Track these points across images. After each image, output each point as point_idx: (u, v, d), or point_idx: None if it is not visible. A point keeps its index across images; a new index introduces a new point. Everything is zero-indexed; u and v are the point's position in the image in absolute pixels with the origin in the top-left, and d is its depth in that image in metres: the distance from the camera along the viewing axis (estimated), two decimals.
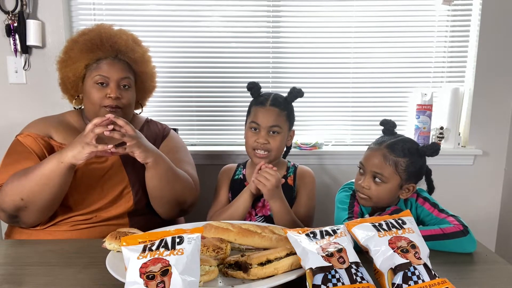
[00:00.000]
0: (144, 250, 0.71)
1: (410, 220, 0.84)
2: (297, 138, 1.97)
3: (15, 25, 1.79)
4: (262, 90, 1.37)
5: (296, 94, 1.35)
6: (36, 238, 1.17)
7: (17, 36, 1.80)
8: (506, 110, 1.98)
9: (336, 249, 0.76)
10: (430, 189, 1.20)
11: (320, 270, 0.72)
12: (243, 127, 1.39)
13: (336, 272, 0.72)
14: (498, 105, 1.97)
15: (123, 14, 1.92)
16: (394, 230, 0.81)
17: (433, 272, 0.74)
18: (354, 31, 1.95)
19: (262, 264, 0.80)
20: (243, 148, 1.38)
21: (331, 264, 0.73)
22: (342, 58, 1.98)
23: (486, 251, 1.02)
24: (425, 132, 1.92)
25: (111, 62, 1.27)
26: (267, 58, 1.97)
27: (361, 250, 0.81)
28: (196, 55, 1.96)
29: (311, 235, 0.82)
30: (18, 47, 1.82)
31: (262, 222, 1.30)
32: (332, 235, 0.81)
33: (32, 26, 1.79)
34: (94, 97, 1.25)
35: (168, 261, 0.68)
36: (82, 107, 1.36)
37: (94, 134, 1.07)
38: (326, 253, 0.75)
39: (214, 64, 1.97)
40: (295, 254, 0.79)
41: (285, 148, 1.40)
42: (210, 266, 0.78)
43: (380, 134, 1.17)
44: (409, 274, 0.73)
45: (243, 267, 0.80)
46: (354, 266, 0.74)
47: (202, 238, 0.85)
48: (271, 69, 1.98)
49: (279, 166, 1.37)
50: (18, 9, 1.79)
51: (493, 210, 2.07)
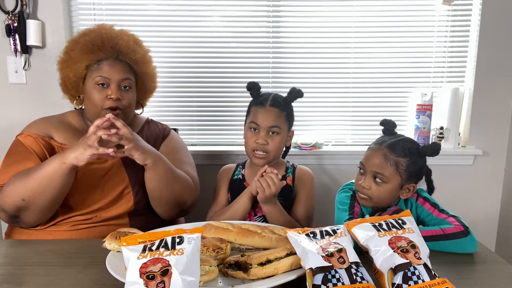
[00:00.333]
0: (144, 250, 0.71)
1: (410, 220, 0.84)
2: (297, 138, 1.97)
3: (15, 25, 1.79)
4: (262, 90, 1.37)
5: (295, 94, 1.35)
6: (36, 238, 1.17)
7: (17, 36, 1.80)
8: (506, 110, 1.98)
9: (336, 249, 0.76)
10: (430, 189, 1.20)
11: (320, 270, 0.72)
12: (243, 127, 1.39)
13: (336, 272, 0.72)
14: (498, 105, 1.97)
15: (123, 14, 1.93)
16: (394, 230, 0.81)
17: (433, 272, 0.74)
18: (354, 31, 1.95)
19: (262, 264, 0.80)
20: (243, 148, 1.38)
21: (331, 264, 0.73)
22: (342, 58, 1.98)
23: (486, 251, 1.02)
24: (425, 132, 1.92)
25: (112, 63, 1.27)
26: (267, 58, 1.97)
27: (361, 251, 0.81)
28: (196, 55, 1.96)
29: (311, 235, 0.82)
30: (18, 47, 1.82)
31: (261, 222, 1.29)
32: (332, 235, 0.81)
33: (32, 26, 1.79)
34: (95, 98, 1.25)
35: (168, 261, 0.68)
36: (83, 107, 1.36)
37: (96, 136, 1.07)
38: (326, 253, 0.75)
39: (214, 64, 1.97)
40: (295, 254, 0.79)
41: (284, 148, 1.40)
42: (210, 266, 0.78)
43: (380, 134, 1.17)
44: (409, 274, 0.73)
45: (243, 267, 0.80)
46: (354, 266, 0.74)
47: (202, 238, 0.85)
48: (271, 69, 1.98)
49: (278, 166, 1.37)
50: (18, 9, 1.79)
51: (493, 210, 2.07)
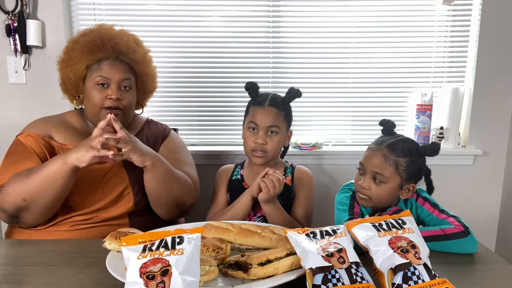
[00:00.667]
0: (144, 250, 0.71)
1: (410, 220, 0.84)
2: (297, 138, 1.97)
3: (15, 25, 1.79)
4: (261, 90, 1.37)
5: (294, 94, 1.35)
6: (36, 238, 1.18)
7: (17, 36, 1.80)
8: (506, 110, 1.98)
9: (336, 249, 0.76)
10: (430, 189, 1.20)
11: (320, 270, 0.72)
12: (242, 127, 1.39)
13: (336, 272, 0.72)
14: (498, 105, 1.97)
15: (123, 14, 1.92)
16: (394, 230, 0.81)
17: (433, 272, 0.74)
18: (354, 31, 1.95)
19: (262, 264, 0.80)
20: (243, 148, 1.38)
21: (331, 264, 0.73)
22: (342, 58, 1.98)
23: (486, 251, 1.02)
24: (425, 132, 1.92)
25: (112, 63, 1.27)
26: (267, 58, 1.97)
27: (361, 251, 0.81)
28: (196, 55, 1.96)
29: (311, 235, 0.82)
30: (18, 47, 1.82)
31: (261, 222, 1.29)
32: (332, 235, 0.81)
33: (32, 26, 1.79)
34: (95, 98, 1.25)
35: (168, 261, 0.68)
36: (83, 107, 1.36)
37: (101, 139, 1.07)
38: (326, 253, 0.75)
39: (214, 64, 1.97)
40: (295, 254, 0.79)
41: (282, 148, 1.40)
42: (210, 266, 0.78)
43: (380, 134, 1.17)
44: (409, 274, 0.73)
45: (243, 267, 0.80)
46: (354, 266, 0.74)
47: (202, 238, 0.85)
48: (271, 69, 1.98)
49: (277, 166, 1.38)
50: (18, 9, 1.79)
51: (493, 210, 2.07)
